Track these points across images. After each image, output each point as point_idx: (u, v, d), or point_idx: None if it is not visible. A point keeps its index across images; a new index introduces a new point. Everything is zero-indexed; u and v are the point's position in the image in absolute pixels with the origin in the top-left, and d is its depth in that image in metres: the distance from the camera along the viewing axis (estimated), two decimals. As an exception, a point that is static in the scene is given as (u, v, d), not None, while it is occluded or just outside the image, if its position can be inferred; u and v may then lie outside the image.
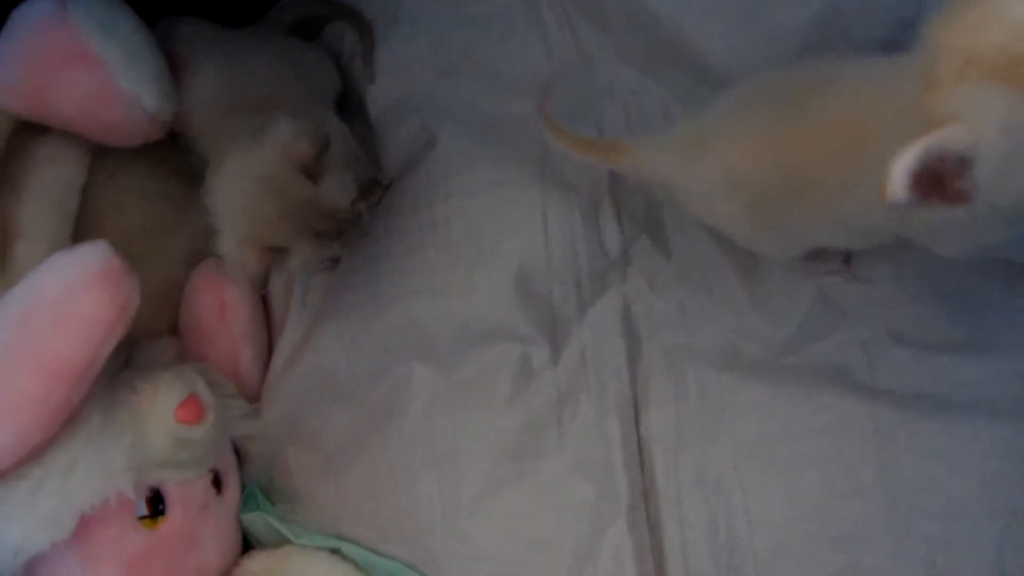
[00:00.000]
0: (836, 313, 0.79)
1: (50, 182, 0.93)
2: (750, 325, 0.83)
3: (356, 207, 0.81)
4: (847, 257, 0.79)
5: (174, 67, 0.94)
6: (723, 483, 0.79)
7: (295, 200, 0.78)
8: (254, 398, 1.02)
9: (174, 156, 1.05)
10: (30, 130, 0.92)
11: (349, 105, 1.03)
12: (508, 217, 0.89)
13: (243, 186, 0.79)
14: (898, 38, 0.76)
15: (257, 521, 0.97)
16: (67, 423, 0.81)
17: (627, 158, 0.75)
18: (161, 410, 0.87)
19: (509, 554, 0.85)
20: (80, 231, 0.96)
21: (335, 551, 0.93)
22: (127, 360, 0.97)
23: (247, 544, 0.99)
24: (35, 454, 0.79)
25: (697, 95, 0.87)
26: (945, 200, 0.47)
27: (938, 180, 0.47)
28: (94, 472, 0.81)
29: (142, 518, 0.86)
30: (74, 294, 0.79)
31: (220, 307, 0.99)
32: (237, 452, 1.00)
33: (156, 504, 0.87)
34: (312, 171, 0.78)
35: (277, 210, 0.78)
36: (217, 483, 0.95)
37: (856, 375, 0.78)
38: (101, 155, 0.97)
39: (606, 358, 0.86)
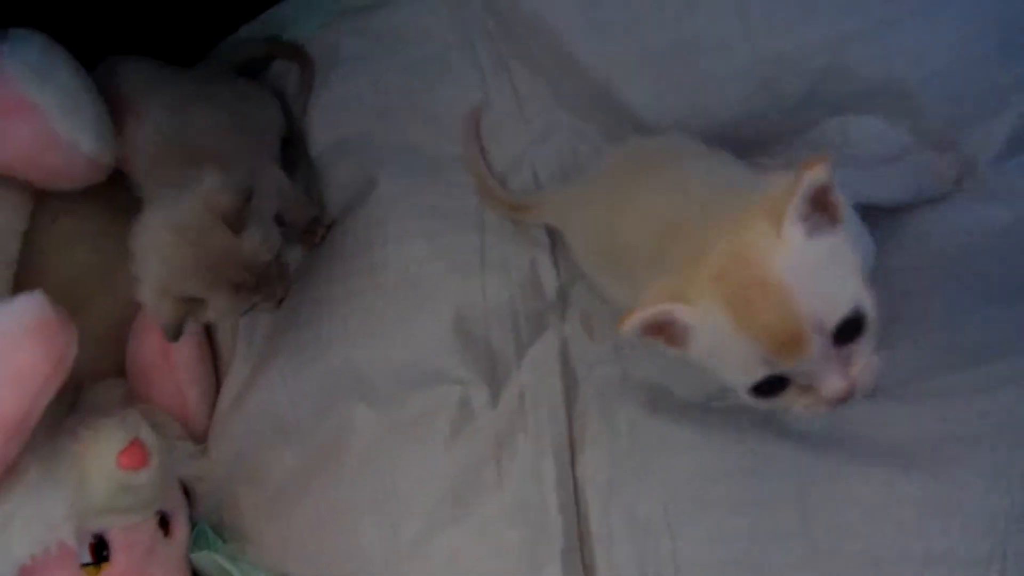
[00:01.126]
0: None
1: (-14, 230, 0.93)
2: (681, 368, 0.84)
3: (280, 259, 0.81)
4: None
5: (116, 108, 0.94)
6: (652, 525, 0.80)
7: (212, 250, 0.78)
8: (201, 438, 1.03)
9: (120, 195, 1.04)
10: (-32, 177, 0.93)
11: (294, 144, 1.03)
12: (445, 262, 0.90)
13: (162, 235, 0.79)
14: (819, 91, 0.78)
15: (206, 560, 0.97)
16: (4, 476, 0.82)
17: (531, 212, 0.77)
18: (103, 457, 0.87)
19: (449, 595, 0.86)
20: (24, 275, 0.96)
21: (281, 590, 0.94)
22: (72, 404, 0.98)
23: (198, 582, 1.00)
24: (-29, 508, 0.80)
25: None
26: (668, 342, 0.55)
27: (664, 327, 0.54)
28: (33, 524, 0.82)
29: (85, 565, 0.87)
30: (8, 348, 0.79)
31: (165, 348, 0.99)
32: (186, 491, 1.01)
33: (100, 551, 0.88)
34: (234, 222, 0.78)
35: (194, 260, 0.77)
36: (164, 524, 0.95)
37: (781, 419, 0.80)
38: (43, 198, 0.97)
39: (544, 399, 0.87)
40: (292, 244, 1.00)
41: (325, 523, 0.92)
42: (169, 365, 0.99)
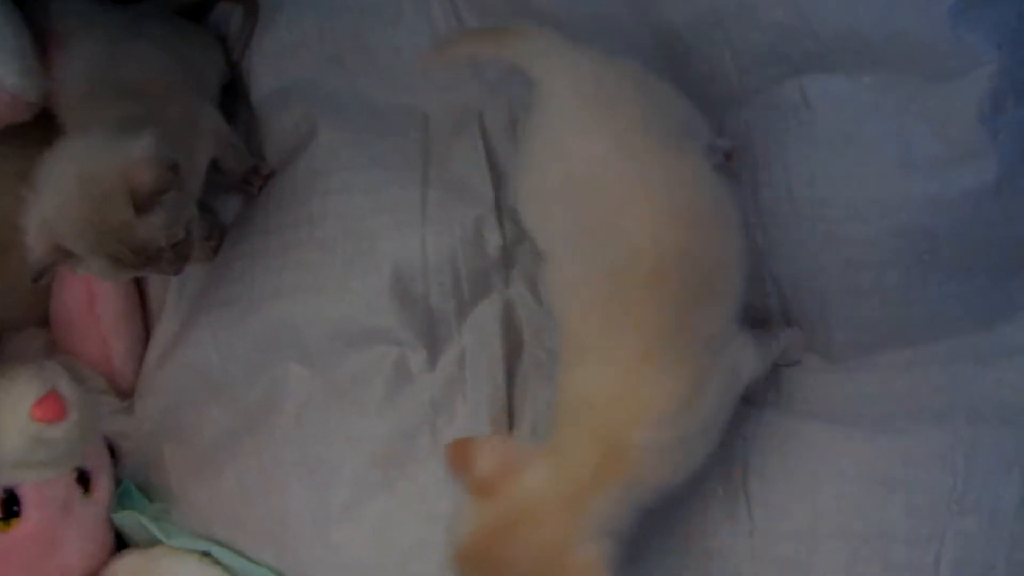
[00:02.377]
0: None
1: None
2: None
3: (187, 239, 0.76)
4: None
5: (44, 44, 0.89)
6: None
7: (106, 218, 0.72)
8: (128, 393, 0.98)
9: (49, 139, 0.99)
10: None
11: (236, 91, 0.99)
12: (385, 217, 0.86)
13: (68, 176, 0.73)
14: (780, 46, 0.74)
15: (129, 520, 0.93)
16: (-91, 422, 0.77)
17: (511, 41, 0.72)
18: (16, 408, 0.83)
19: (378, 563, 0.83)
20: (-58, 214, 0.92)
21: (206, 554, 0.90)
22: (-9, 353, 0.93)
23: (122, 542, 0.96)
24: None
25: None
26: None
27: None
28: (-62, 472, 0.78)
29: (-6, 519, 0.83)
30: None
31: (89, 299, 0.94)
32: (111, 449, 0.97)
33: (10, 505, 0.84)
34: (141, 203, 0.72)
35: (84, 217, 0.72)
36: (84, 481, 0.91)
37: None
38: (-38, 137, 0.93)
39: (484, 364, 0.84)
40: (228, 194, 0.96)
41: (253, 485, 0.89)
42: (93, 316, 0.94)
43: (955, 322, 0.73)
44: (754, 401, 0.77)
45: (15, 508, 0.84)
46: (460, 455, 0.64)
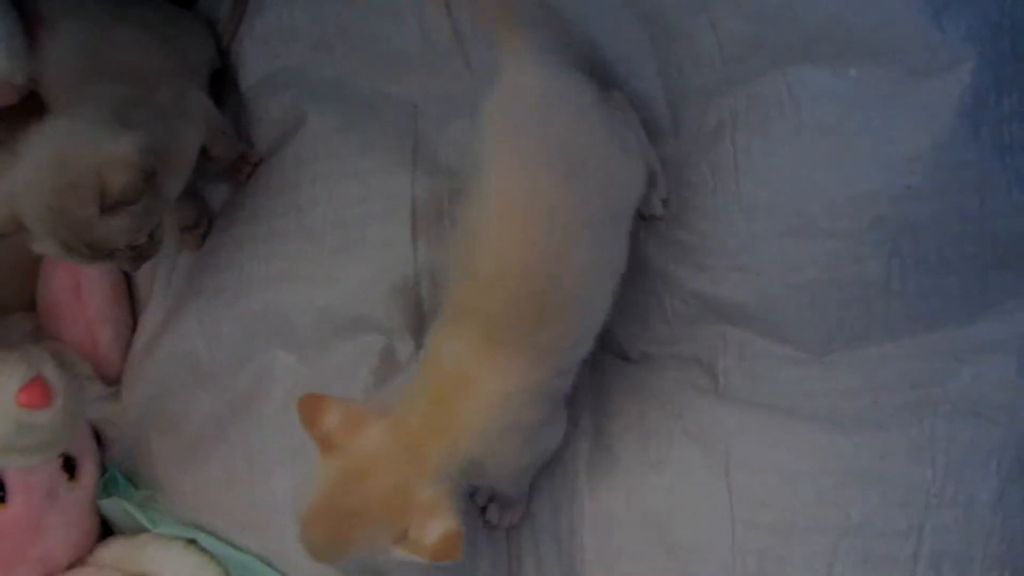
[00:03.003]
0: (691, 317, 0.78)
1: None
2: (615, 321, 0.82)
3: (138, 250, 0.76)
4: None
5: (32, 27, 0.88)
6: (567, 479, 0.79)
7: (68, 208, 0.71)
8: (114, 380, 0.98)
9: (35, 122, 0.99)
10: None
11: (224, 78, 0.98)
12: (375, 206, 0.86)
13: (43, 155, 0.72)
14: (764, 35, 0.74)
15: (115, 507, 0.93)
16: None
17: None
18: (1, 393, 0.83)
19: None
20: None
21: (192, 541, 0.90)
22: (-25, 338, 0.93)
23: (108, 529, 0.96)
24: None
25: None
26: None
27: None
28: (-78, 457, 0.78)
29: (-23, 504, 0.83)
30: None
31: (75, 285, 0.94)
32: (98, 436, 0.97)
33: (-6, 490, 0.84)
34: (108, 204, 0.71)
35: (47, 203, 0.71)
36: (70, 468, 0.91)
37: (712, 382, 0.78)
38: (-51, 119, 0.92)
39: (470, 354, 0.84)
40: (216, 181, 0.95)
41: (240, 473, 0.88)
42: (80, 303, 0.94)
43: (934, 316, 0.74)
44: (733, 395, 0.77)
45: (0, 493, 0.84)
46: (310, 410, 0.66)
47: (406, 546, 0.61)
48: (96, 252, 0.73)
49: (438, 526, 0.61)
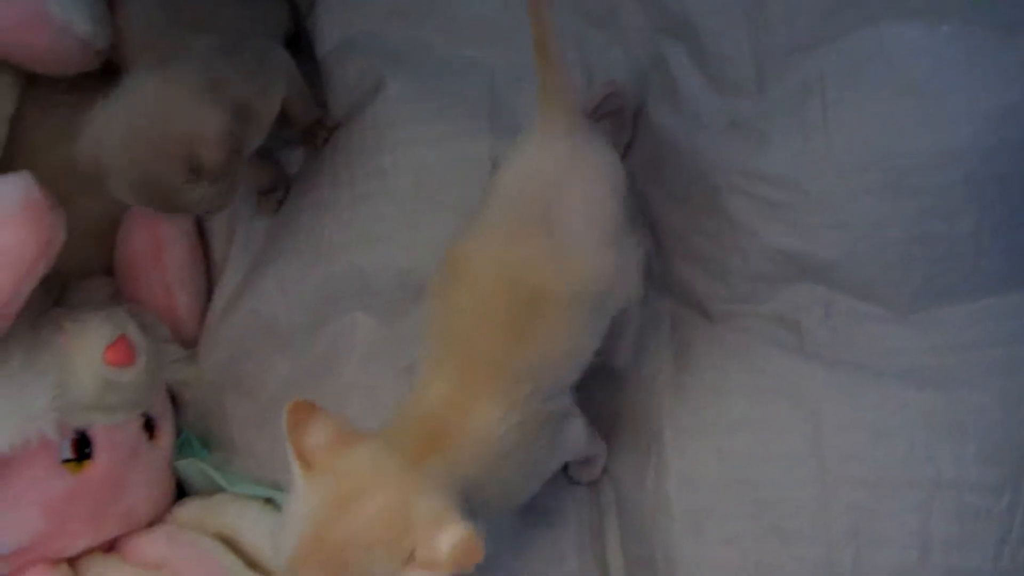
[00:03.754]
0: (775, 275, 0.79)
1: (-26, 110, 0.89)
2: (696, 279, 0.82)
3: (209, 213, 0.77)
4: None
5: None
6: (651, 435, 0.79)
7: (154, 174, 0.72)
8: (191, 343, 0.99)
9: (110, 91, 1.00)
10: (-47, 55, 0.88)
11: (299, 42, 0.99)
12: (454, 170, 0.86)
13: (135, 117, 0.73)
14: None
15: (191, 468, 0.95)
16: (-15, 361, 0.79)
17: None
18: (89, 351, 0.85)
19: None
20: (7, 166, 0.92)
21: (269, 501, 0.92)
22: (57, 300, 0.94)
23: (181, 491, 0.97)
24: (-50, 392, 0.77)
25: (658, 47, 0.85)
26: None
27: None
28: (15, 412, 0.79)
29: (66, 461, 0.84)
30: (-6, 226, 0.76)
31: (155, 248, 0.95)
32: (173, 398, 0.98)
33: (82, 447, 0.85)
34: (199, 174, 0.72)
35: (135, 160, 0.72)
36: (149, 428, 0.93)
37: (796, 339, 0.78)
38: (32, 85, 0.93)
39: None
40: (292, 147, 0.96)
41: (317, 433, 0.89)
42: (159, 265, 0.96)
43: (1024, 272, 0.74)
44: (819, 353, 0.77)
45: (87, 450, 0.85)
46: (299, 419, 0.61)
47: (419, 566, 0.55)
48: (170, 208, 0.75)
49: (448, 535, 0.55)
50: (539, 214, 0.66)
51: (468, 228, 0.69)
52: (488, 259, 0.66)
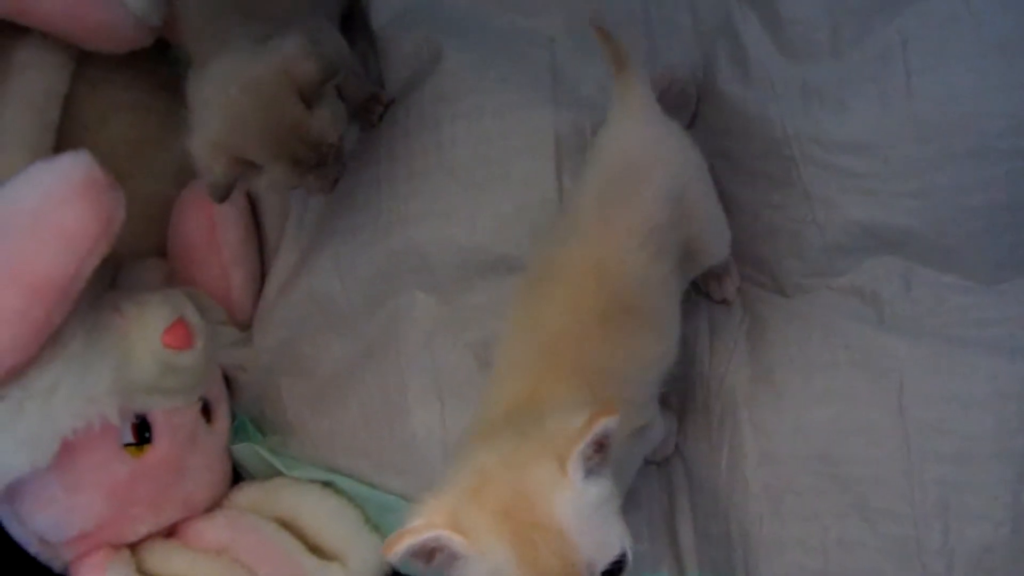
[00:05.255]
0: (852, 248, 0.77)
1: (30, 88, 0.88)
2: (769, 253, 0.81)
3: (341, 142, 0.77)
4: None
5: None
6: (726, 412, 0.78)
7: (282, 119, 0.73)
8: (245, 325, 0.98)
9: (163, 69, 0.99)
10: (8, 31, 0.87)
11: (353, 16, 0.97)
12: (517, 142, 0.84)
13: (230, 89, 0.74)
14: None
15: (248, 452, 0.94)
16: (48, 343, 0.77)
17: None
18: (148, 333, 0.84)
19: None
20: (62, 144, 0.91)
21: (327, 484, 0.91)
22: (112, 281, 0.93)
23: (237, 476, 0.96)
24: (14, 375, 0.75)
25: (728, 12, 0.83)
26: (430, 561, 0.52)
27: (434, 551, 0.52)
28: (76, 395, 0.78)
29: (127, 445, 0.83)
30: (54, 205, 0.75)
31: (210, 227, 0.94)
32: (228, 382, 0.97)
33: (142, 432, 0.84)
34: (309, 96, 0.73)
35: (260, 124, 0.73)
36: (206, 412, 0.91)
37: (876, 312, 0.76)
38: (85, 63, 0.92)
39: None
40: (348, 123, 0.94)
41: (378, 414, 0.88)
42: (215, 246, 0.94)
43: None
44: (900, 325, 0.75)
45: (147, 435, 0.84)
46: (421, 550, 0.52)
47: (571, 459, 0.51)
48: (317, 153, 0.75)
49: (576, 417, 0.52)
50: (635, 207, 0.66)
51: (560, 227, 0.68)
52: (586, 260, 0.65)
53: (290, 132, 0.74)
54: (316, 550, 0.87)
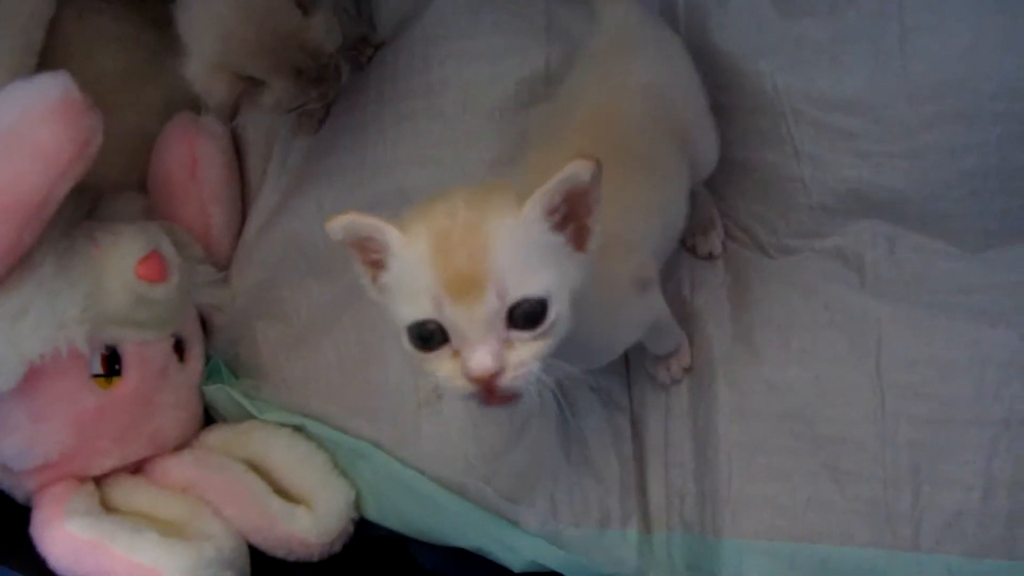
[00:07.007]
0: (838, 209, 0.76)
1: (13, 9, 0.86)
2: (752, 212, 0.80)
3: (339, 56, 0.76)
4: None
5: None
6: (704, 369, 0.77)
7: (279, 29, 0.72)
8: (223, 265, 0.97)
9: (150, 2, 0.97)
10: (-9, -48, 0.85)
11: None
12: (508, 84, 0.83)
13: (222, 6, 0.72)
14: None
15: (219, 394, 0.92)
16: (19, 267, 0.76)
17: None
18: (121, 264, 0.82)
19: (477, 436, 0.81)
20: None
21: (298, 429, 0.89)
22: (89, 213, 0.91)
23: (209, 419, 0.95)
24: (-19, 296, 0.74)
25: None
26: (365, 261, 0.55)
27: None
28: (45, 320, 0.76)
29: (96, 376, 0.82)
30: (30, 124, 0.73)
31: (191, 163, 0.92)
32: (203, 323, 0.96)
33: (112, 363, 0.83)
34: (304, 2, 0.73)
35: (257, 36, 0.72)
36: (179, 350, 0.90)
37: (858, 275, 0.75)
38: (70, -10, 0.90)
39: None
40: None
41: (353, 360, 0.87)
42: (195, 182, 0.93)
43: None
44: (883, 289, 0.74)
45: (116, 367, 0.83)
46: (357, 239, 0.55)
47: (532, 197, 0.49)
48: (318, 64, 0.74)
49: None
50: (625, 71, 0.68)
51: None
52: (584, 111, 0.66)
53: (288, 42, 0.73)
54: (283, 493, 0.86)
